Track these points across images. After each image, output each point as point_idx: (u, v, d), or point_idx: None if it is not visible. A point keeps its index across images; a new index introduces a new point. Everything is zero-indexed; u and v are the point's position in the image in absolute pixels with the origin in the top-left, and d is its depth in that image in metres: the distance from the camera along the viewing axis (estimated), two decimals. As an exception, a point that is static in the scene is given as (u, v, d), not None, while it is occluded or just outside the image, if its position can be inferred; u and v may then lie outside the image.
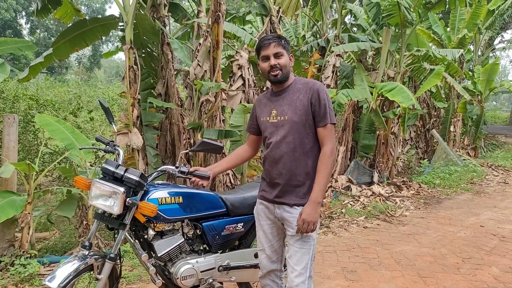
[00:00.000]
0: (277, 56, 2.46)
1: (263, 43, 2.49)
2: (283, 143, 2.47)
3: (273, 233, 2.67)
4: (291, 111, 2.46)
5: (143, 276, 4.02)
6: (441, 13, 18.20)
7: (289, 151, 2.45)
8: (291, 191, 2.48)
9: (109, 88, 19.46)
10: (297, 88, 2.51)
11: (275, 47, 2.45)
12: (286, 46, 2.50)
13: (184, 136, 5.64)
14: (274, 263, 2.72)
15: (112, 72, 52.68)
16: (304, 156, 2.45)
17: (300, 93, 2.48)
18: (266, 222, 2.66)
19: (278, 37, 2.50)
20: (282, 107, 2.50)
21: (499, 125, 25.60)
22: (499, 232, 5.73)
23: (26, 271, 3.87)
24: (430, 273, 4.29)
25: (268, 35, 2.53)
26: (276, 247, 2.69)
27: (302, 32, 11.20)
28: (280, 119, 2.49)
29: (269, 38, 2.48)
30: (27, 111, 7.05)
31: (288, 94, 2.52)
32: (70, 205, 4.52)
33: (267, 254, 2.70)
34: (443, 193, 8.07)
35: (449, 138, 12.16)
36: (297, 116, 2.44)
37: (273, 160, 2.52)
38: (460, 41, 11.34)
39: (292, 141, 2.44)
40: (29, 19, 34.52)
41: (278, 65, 2.46)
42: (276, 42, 2.46)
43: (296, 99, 2.47)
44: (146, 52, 5.79)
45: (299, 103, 2.45)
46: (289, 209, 2.49)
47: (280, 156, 2.47)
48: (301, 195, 2.46)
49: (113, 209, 2.48)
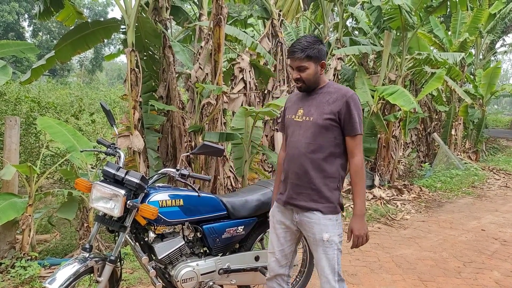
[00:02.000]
0: (300, 70, 2.42)
1: (289, 54, 2.46)
2: (303, 143, 2.44)
3: (285, 238, 2.63)
4: (317, 113, 2.43)
5: (143, 278, 4.01)
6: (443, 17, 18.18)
7: (308, 152, 2.42)
8: (305, 194, 2.45)
9: (111, 91, 19.47)
10: (329, 91, 2.47)
11: (297, 60, 2.39)
12: (314, 55, 2.39)
13: (185, 138, 5.64)
14: (283, 267, 2.68)
15: (114, 75, 52.79)
16: (323, 160, 2.42)
17: (331, 97, 2.44)
18: (280, 226, 2.64)
19: (304, 49, 2.38)
20: (309, 108, 2.48)
21: (500, 128, 25.58)
22: (500, 236, 5.72)
23: (27, 273, 3.87)
24: (431, 277, 4.28)
25: (296, 43, 2.43)
26: (286, 252, 2.65)
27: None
28: (305, 119, 2.47)
29: (294, 51, 2.40)
30: (28, 113, 7.05)
31: (318, 96, 2.49)
32: (71, 207, 4.52)
33: (276, 258, 2.66)
34: (444, 197, 8.05)
35: (450, 141, 12.15)
36: (322, 119, 2.41)
37: (291, 159, 2.50)
38: (462, 45, 11.34)
39: (313, 143, 2.42)
40: (31, 22, 34.62)
41: (300, 78, 2.43)
42: (299, 56, 2.38)
43: (325, 102, 2.44)
44: (147, 55, 5.80)
45: (327, 107, 2.42)
46: (307, 215, 2.46)
47: (298, 156, 2.45)
48: (316, 199, 2.43)
49: (113, 211, 2.49)
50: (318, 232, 2.43)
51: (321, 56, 2.42)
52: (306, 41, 2.40)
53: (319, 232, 2.42)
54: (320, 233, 2.42)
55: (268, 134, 7.13)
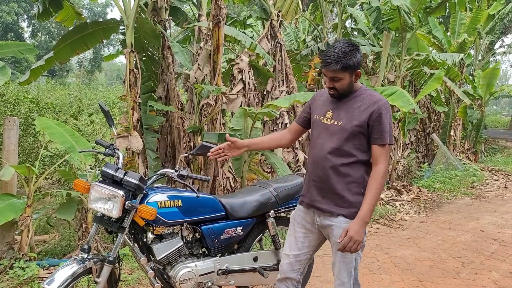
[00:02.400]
0: (334, 80, 2.36)
1: (323, 64, 2.36)
2: (328, 147, 2.41)
3: (304, 243, 2.59)
4: (346, 118, 2.39)
5: (142, 279, 4.01)
6: (441, 18, 18.20)
7: (333, 156, 2.39)
8: (328, 198, 2.43)
9: (110, 91, 19.46)
10: (361, 97, 2.42)
11: (332, 71, 2.32)
12: (350, 65, 2.30)
13: (184, 139, 5.64)
14: (294, 272, 2.63)
15: (113, 75, 52.74)
16: (347, 166, 2.38)
17: (362, 103, 2.39)
18: (300, 230, 2.60)
19: (337, 61, 2.28)
20: (338, 111, 2.44)
21: (499, 129, 25.60)
22: (499, 236, 5.73)
23: (25, 274, 3.86)
24: (429, 277, 4.28)
25: (329, 55, 2.31)
26: (302, 258, 2.61)
27: (303, 36, 11.23)
28: (333, 122, 2.43)
29: (328, 62, 2.30)
30: (27, 114, 7.05)
31: (350, 101, 2.43)
32: (70, 208, 4.52)
33: (290, 261, 2.62)
34: (443, 197, 8.06)
35: (449, 142, 12.15)
36: (350, 125, 2.36)
37: (315, 161, 2.48)
38: (460, 46, 11.35)
39: (339, 148, 2.38)
40: (30, 22, 34.56)
41: (334, 87, 2.39)
42: (335, 68, 2.29)
43: (356, 108, 2.39)
44: (146, 55, 5.80)
45: (357, 113, 2.37)
46: (330, 218, 2.44)
47: (322, 159, 2.42)
48: (340, 204, 2.41)
49: (112, 212, 2.49)
50: (337, 235, 2.39)
51: (356, 65, 2.35)
52: (342, 51, 2.30)
53: (339, 236, 2.38)
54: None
55: (267, 134, 7.13)
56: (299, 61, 9.27)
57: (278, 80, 7.44)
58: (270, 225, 3.23)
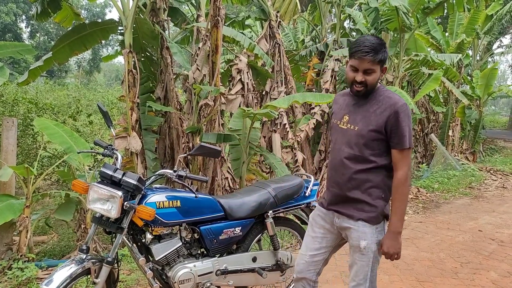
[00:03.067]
0: (367, 73, 2.25)
1: (358, 53, 2.23)
2: (346, 152, 2.34)
3: (321, 243, 2.56)
4: (363, 122, 2.31)
5: (140, 280, 4.01)
6: (440, 18, 18.24)
7: (351, 162, 2.33)
8: (347, 203, 2.39)
9: (109, 92, 19.46)
10: (378, 100, 2.32)
11: (369, 63, 2.22)
12: (384, 58, 2.26)
13: (183, 140, 5.64)
14: (310, 272, 2.59)
15: (112, 76, 52.70)
16: (366, 172, 2.32)
17: (379, 106, 2.29)
18: (319, 230, 2.57)
19: (377, 50, 2.21)
20: (355, 115, 2.36)
21: (498, 129, 25.66)
22: (497, 236, 5.74)
23: (24, 275, 3.86)
24: (428, 277, 4.29)
25: (367, 42, 2.22)
26: (318, 258, 2.57)
27: (301, 37, 11.24)
28: (349, 127, 2.36)
29: (366, 51, 2.20)
30: (26, 115, 7.05)
31: (366, 103, 2.35)
32: (68, 208, 4.51)
33: (306, 261, 2.58)
34: (441, 198, 8.07)
35: (447, 142, 12.18)
36: (367, 129, 2.29)
37: (333, 167, 2.44)
38: (459, 46, 11.38)
39: (355, 153, 2.32)
40: (29, 23, 34.56)
41: (365, 82, 2.27)
42: (372, 58, 2.20)
43: (372, 112, 2.30)
44: (145, 56, 5.80)
45: (374, 117, 2.29)
46: (348, 220, 2.39)
47: (341, 165, 2.36)
48: (359, 208, 2.35)
49: (111, 212, 2.48)
50: (355, 238, 2.36)
51: (385, 61, 2.30)
52: (376, 43, 2.23)
53: (357, 239, 2.36)
54: (358, 240, 2.36)
55: (266, 135, 7.14)
56: (298, 62, 9.28)
57: (277, 81, 7.45)
58: (268, 225, 3.23)
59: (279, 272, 3.30)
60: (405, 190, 2.28)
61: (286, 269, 3.32)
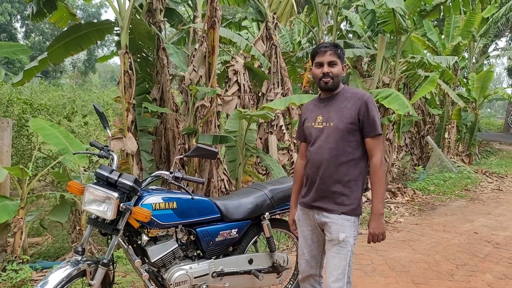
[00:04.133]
0: (331, 65, 2.51)
1: (320, 49, 2.53)
2: (326, 149, 2.50)
3: (313, 239, 2.71)
4: (337, 118, 2.49)
5: (136, 282, 3.99)
6: (436, 21, 18.33)
7: (332, 157, 2.48)
8: (330, 197, 2.52)
9: (104, 93, 19.40)
10: (346, 96, 2.54)
11: (330, 55, 2.49)
12: (341, 55, 2.53)
13: (179, 141, 5.62)
14: (313, 268, 2.76)
15: (107, 77, 52.56)
16: (346, 164, 2.48)
17: (348, 101, 2.51)
18: (307, 228, 2.71)
19: (335, 46, 2.52)
20: (328, 114, 2.54)
21: (493, 132, 25.79)
22: (493, 239, 5.75)
23: (18, 277, 3.83)
24: (424, 279, 4.29)
25: (326, 43, 2.57)
26: (315, 253, 2.73)
27: (298, 38, 11.25)
28: (325, 125, 2.53)
29: (326, 46, 2.52)
30: (21, 115, 7.01)
31: (336, 101, 2.55)
32: (63, 210, 4.49)
33: (306, 259, 2.75)
34: (437, 200, 8.09)
35: (443, 144, 12.21)
36: (342, 123, 2.47)
37: (314, 165, 2.56)
38: (455, 49, 11.42)
39: (335, 147, 2.48)
40: (24, 23, 34.40)
41: (331, 73, 2.50)
42: (332, 50, 2.49)
43: (343, 107, 2.50)
44: (141, 57, 5.78)
45: (346, 111, 2.48)
46: (327, 215, 2.52)
47: (322, 161, 2.51)
48: (339, 202, 2.49)
49: (106, 214, 2.47)
50: (335, 231, 2.48)
51: (343, 59, 2.57)
52: (332, 43, 2.57)
53: (336, 232, 2.48)
54: (337, 232, 2.48)
55: (262, 136, 7.13)
56: (294, 63, 9.29)
57: (273, 82, 7.45)
58: (265, 227, 3.22)
59: (276, 274, 3.30)
60: (381, 173, 2.47)
61: (282, 271, 3.32)
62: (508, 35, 27.60)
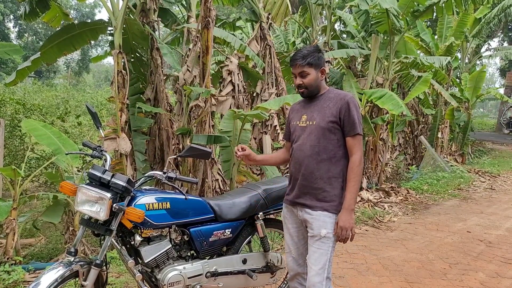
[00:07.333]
0: (302, 76, 2.59)
1: (290, 62, 2.65)
2: (308, 146, 2.59)
3: (298, 236, 2.77)
4: (319, 117, 2.59)
5: (129, 282, 3.98)
6: (429, 21, 18.43)
7: (313, 154, 2.56)
8: (311, 194, 2.58)
9: (98, 93, 19.34)
10: (329, 97, 2.64)
11: (299, 67, 2.57)
12: (314, 62, 2.58)
13: (173, 141, 5.61)
14: (301, 266, 2.79)
15: (101, 77, 52.33)
16: (327, 161, 2.55)
17: (331, 101, 2.60)
18: (292, 226, 2.78)
19: (303, 57, 2.57)
20: (312, 113, 2.64)
21: (486, 131, 25.92)
22: (485, 237, 5.79)
23: (11, 278, 3.81)
24: (417, 278, 4.31)
25: (297, 54, 2.61)
26: (301, 250, 2.77)
27: (292, 39, 11.27)
28: (308, 123, 2.63)
29: (296, 58, 2.59)
30: (13, 116, 6.97)
31: (320, 102, 2.65)
32: (56, 211, 4.47)
33: (293, 257, 2.80)
34: (430, 199, 8.13)
35: (437, 144, 12.27)
36: (324, 122, 2.56)
37: (297, 162, 2.64)
38: (448, 49, 11.49)
39: (317, 145, 2.56)
40: (17, 23, 34.20)
41: (303, 84, 2.60)
42: (300, 62, 2.56)
43: (326, 106, 2.60)
44: (135, 57, 5.77)
45: (328, 111, 2.57)
46: (309, 211, 2.58)
47: (304, 158, 2.59)
48: (321, 198, 2.56)
49: (99, 214, 2.46)
50: (317, 227, 2.54)
51: (320, 63, 2.62)
52: (306, 50, 2.60)
53: (318, 228, 2.53)
54: (319, 228, 2.53)
55: (257, 137, 7.14)
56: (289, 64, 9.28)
57: (268, 82, 7.45)
58: (259, 227, 3.23)
59: (269, 274, 3.30)
60: (358, 171, 2.53)
61: (276, 270, 3.32)
62: (500, 36, 27.86)
